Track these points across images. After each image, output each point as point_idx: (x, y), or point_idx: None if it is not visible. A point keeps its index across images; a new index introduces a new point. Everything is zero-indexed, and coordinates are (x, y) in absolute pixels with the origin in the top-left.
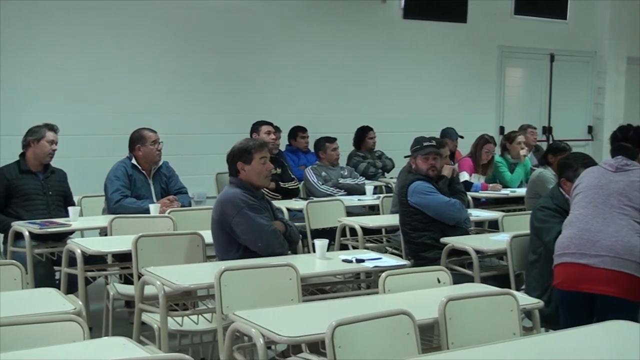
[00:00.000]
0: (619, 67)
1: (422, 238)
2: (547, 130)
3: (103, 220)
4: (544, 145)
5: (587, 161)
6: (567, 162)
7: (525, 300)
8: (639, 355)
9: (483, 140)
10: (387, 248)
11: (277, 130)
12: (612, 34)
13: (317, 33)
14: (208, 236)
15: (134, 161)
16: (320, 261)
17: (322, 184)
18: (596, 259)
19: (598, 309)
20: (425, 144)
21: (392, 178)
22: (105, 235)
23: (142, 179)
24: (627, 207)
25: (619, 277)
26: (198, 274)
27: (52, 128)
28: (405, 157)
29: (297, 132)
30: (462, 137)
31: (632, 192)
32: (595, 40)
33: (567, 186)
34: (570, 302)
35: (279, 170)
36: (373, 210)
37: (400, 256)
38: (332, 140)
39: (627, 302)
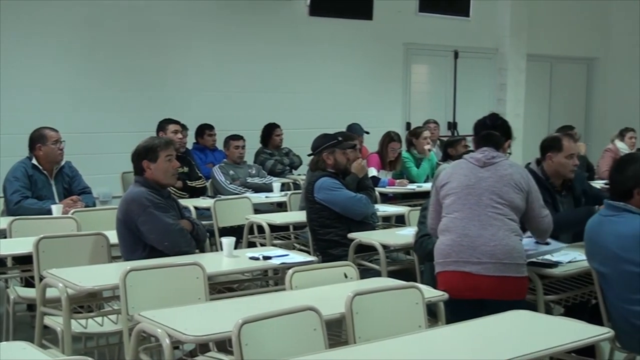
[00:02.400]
0: (519, 64)
1: (330, 235)
2: (452, 126)
3: (2, 222)
4: None
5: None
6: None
7: (430, 293)
8: (539, 340)
9: (388, 139)
10: (295, 245)
11: (184, 128)
12: (513, 31)
13: (222, 31)
14: (113, 236)
15: (34, 161)
16: (227, 259)
17: (230, 183)
18: (478, 266)
19: (487, 311)
20: (340, 138)
21: (299, 175)
22: (5, 237)
23: (44, 180)
24: (500, 206)
25: (502, 282)
26: (103, 274)
27: None
28: (309, 155)
29: (204, 130)
30: (367, 132)
31: (502, 188)
32: (497, 38)
33: None
34: (457, 308)
35: (186, 169)
36: (281, 207)
37: (309, 253)
38: (237, 138)
39: (513, 301)
